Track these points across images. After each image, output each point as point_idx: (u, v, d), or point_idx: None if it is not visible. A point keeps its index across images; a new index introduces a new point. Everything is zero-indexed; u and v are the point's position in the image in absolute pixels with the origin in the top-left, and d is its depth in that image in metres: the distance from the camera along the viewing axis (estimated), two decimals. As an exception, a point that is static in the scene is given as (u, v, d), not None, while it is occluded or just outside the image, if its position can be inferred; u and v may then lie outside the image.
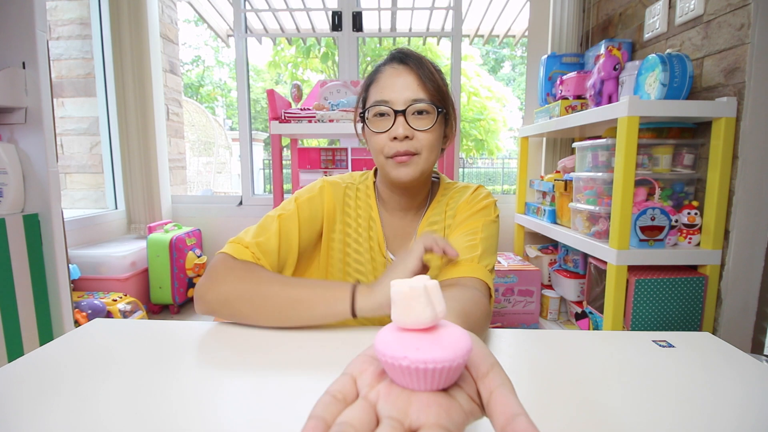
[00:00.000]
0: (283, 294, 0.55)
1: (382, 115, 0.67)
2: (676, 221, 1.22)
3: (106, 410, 0.39)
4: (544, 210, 1.74)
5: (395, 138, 0.65)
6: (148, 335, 0.57)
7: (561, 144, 2.05)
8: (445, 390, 0.23)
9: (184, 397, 0.41)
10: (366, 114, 0.69)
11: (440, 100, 0.67)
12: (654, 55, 1.21)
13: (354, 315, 0.54)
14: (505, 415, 0.20)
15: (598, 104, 1.46)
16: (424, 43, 5.10)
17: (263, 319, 0.56)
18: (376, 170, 0.80)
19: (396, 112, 0.65)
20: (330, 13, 2.30)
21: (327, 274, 0.76)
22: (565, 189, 1.61)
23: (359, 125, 0.75)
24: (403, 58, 0.68)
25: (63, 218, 1.42)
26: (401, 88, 0.65)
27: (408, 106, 0.65)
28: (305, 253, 0.73)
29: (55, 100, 1.78)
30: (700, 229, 1.23)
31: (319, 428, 0.20)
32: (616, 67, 1.39)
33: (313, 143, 4.33)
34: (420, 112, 0.66)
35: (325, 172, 2.03)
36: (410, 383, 0.22)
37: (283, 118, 1.81)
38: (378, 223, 0.75)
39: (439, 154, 0.72)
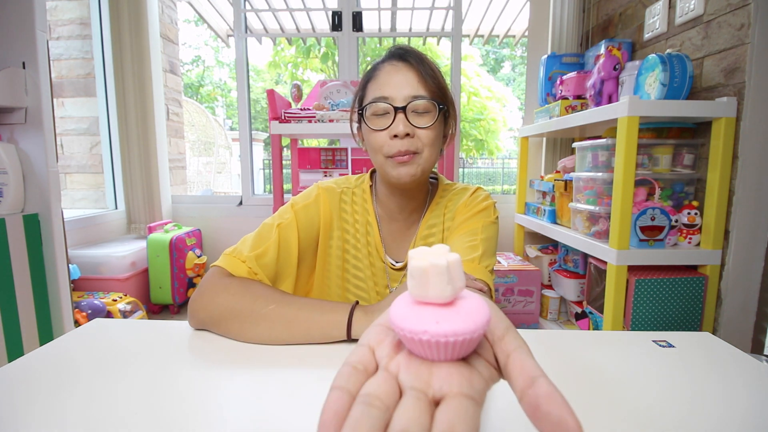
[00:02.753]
0: (278, 313, 0.54)
1: (381, 113, 0.65)
2: (676, 221, 1.22)
3: (106, 410, 0.39)
4: (544, 210, 1.74)
5: (395, 136, 0.63)
6: (148, 335, 0.57)
7: (561, 144, 2.05)
8: (464, 359, 0.23)
9: (185, 396, 0.41)
10: (364, 111, 0.67)
11: (441, 97, 0.66)
12: (654, 55, 1.21)
13: (350, 339, 0.53)
14: (523, 377, 0.21)
15: (598, 104, 1.46)
16: (424, 43, 5.10)
17: (256, 338, 0.54)
18: (372, 172, 0.79)
19: (396, 109, 0.63)
20: (330, 13, 2.30)
21: (325, 280, 0.74)
22: (565, 189, 1.61)
23: (355, 124, 0.74)
24: (402, 54, 0.66)
25: (63, 218, 1.42)
26: (401, 84, 0.64)
27: (408, 103, 0.63)
28: (304, 262, 0.71)
29: (55, 100, 1.77)
30: (700, 229, 1.23)
31: (344, 399, 0.20)
32: (616, 67, 1.39)
33: (313, 143, 4.33)
34: (420, 110, 0.64)
35: (325, 173, 2.03)
36: (430, 355, 0.22)
37: (283, 118, 1.81)
38: (375, 228, 0.74)
39: (439, 153, 0.70)
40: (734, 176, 1.16)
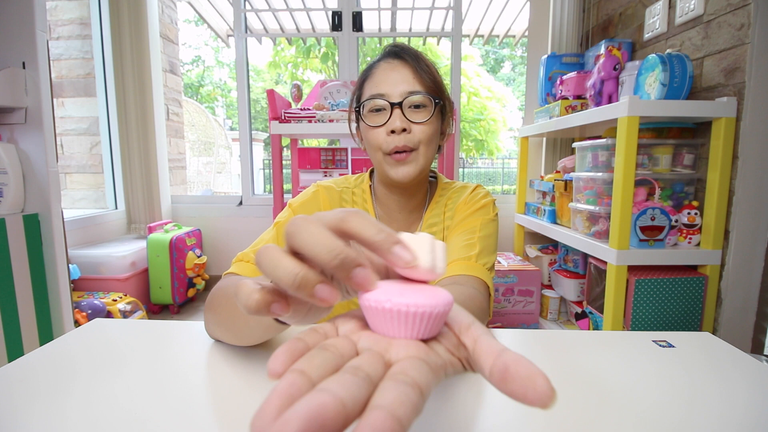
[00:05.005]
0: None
1: (378, 109, 0.66)
2: (676, 221, 1.22)
3: (106, 410, 0.39)
4: (544, 210, 1.74)
5: (392, 132, 0.64)
6: (148, 335, 0.57)
7: (561, 144, 2.05)
8: (425, 342, 0.23)
9: (184, 397, 0.41)
10: (361, 109, 0.68)
11: (437, 92, 0.66)
12: (654, 55, 1.21)
13: None
14: (492, 353, 0.21)
15: (598, 104, 1.46)
16: (424, 43, 5.10)
17: (238, 340, 0.48)
18: (371, 172, 0.79)
19: (392, 105, 0.64)
20: (330, 13, 2.30)
21: None
22: (565, 189, 1.61)
23: (354, 124, 0.74)
24: (398, 52, 0.67)
25: (63, 218, 1.42)
26: (397, 81, 0.65)
27: (404, 99, 0.64)
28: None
29: (55, 100, 1.78)
30: (700, 229, 1.23)
31: (299, 347, 0.20)
32: (616, 67, 1.39)
33: (313, 143, 4.33)
34: (417, 105, 0.65)
35: (325, 173, 2.03)
36: (391, 329, 0.22)
37: (283, 118, 1.81)
38: None
39: (437, 150, 0.71)
40: (734, 176, 1.16)
